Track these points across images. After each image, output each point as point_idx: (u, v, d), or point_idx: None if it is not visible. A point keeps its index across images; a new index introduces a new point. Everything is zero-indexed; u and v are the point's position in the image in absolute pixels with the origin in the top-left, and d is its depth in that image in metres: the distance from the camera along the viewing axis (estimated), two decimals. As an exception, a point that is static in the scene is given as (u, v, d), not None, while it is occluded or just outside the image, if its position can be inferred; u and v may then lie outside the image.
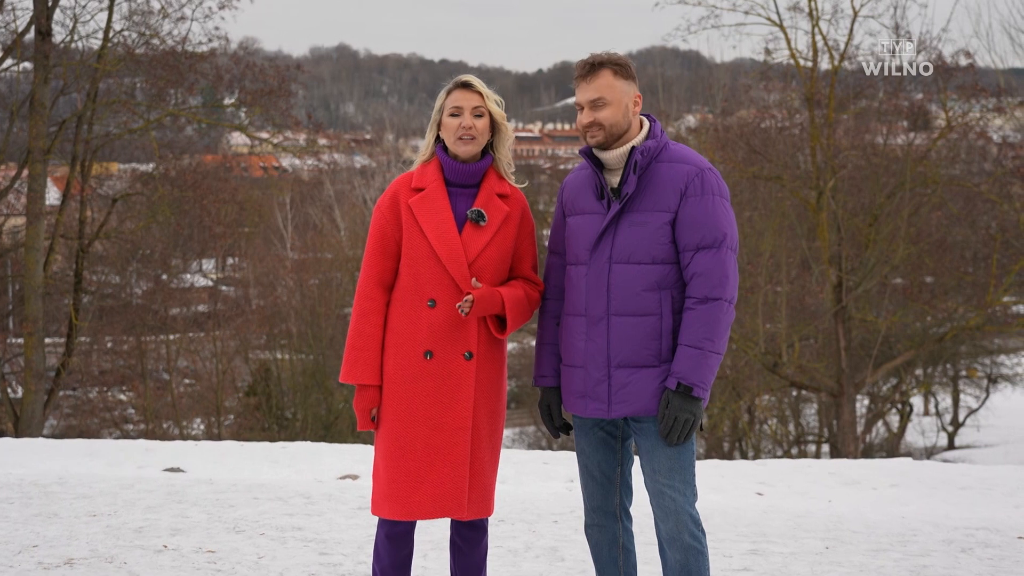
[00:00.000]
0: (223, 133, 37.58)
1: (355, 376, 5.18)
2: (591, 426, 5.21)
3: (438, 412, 5.16)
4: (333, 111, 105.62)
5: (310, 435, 31.81)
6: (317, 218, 45.33)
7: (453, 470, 5.14)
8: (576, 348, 5.11)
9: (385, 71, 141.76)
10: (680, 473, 5.00)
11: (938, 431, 41.66)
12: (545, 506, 8.84)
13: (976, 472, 10.81)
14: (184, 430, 31.58)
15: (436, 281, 5.16)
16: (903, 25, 26.21)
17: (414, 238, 5.18)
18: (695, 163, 5.05)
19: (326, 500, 8.91)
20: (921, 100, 27.52)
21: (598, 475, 5.23)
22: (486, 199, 5.26)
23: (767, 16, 26.09)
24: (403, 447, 5.16)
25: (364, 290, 5.24)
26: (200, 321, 34.52)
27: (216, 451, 11.78)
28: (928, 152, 26.01)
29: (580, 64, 5.13)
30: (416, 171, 5.33)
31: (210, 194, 25.78)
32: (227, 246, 37.42)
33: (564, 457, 11.46)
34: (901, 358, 27.44)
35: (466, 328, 5.18)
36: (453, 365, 5.17)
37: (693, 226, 4.95)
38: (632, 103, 5.11)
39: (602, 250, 5.04)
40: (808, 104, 25.71)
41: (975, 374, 40.28)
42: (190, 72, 24.84)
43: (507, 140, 5.35)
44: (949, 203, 26.35)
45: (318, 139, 29.84)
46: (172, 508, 8.51)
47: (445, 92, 5.30)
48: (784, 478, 10.49)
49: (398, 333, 5.20)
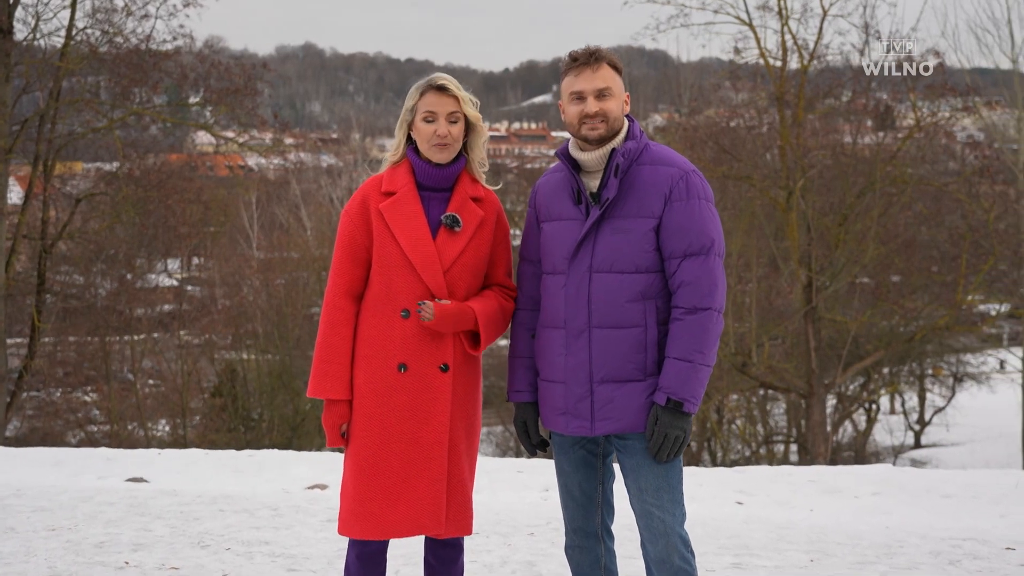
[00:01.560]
0: (188, 132, 37.27)
1: (324, 391, 4.92)
2: (571, 444, 4.96)
3: (413, 427, 4.91)
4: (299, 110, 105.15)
5: (276, 436, 31.59)
6: (283, 218, 44.98)
7: (430, 487, 4.90)
8: (555, 362, 4.85)
9: (351, 70, 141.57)
10: (668, 492, 4.76)
11: (905, 430, 41.72)
12: (521, 518, 8.59)
13: (959, 479, 10.64)
14: (149, 431, 31.24)
15: (409, 290, 4.90)
16: (872, 24, 26.16)
17: (386, 245, 4.93)
18: (679, 165, 4.80)
19: (294, 512, 8.62)
20: (887, 99, 27.47)
21: (579, 495, 4.98)
22: (460, 203, 5.01)
23: (736, 15, 26.02)
24: (377, 464, 4.90)
25: (332, 300, 4.98)
26: (165, 322, 34.17)
27: (180, 460, 11.48)
28: (897, 152, 25.93)
29: (581, 52, 4.87)
30: (386, 174, 5.06)
31: (175, 194, 25.56)
32: (192, 246, 37.09)
33: (538, 466, 11.23)
34: (871, 358, 27.39)
35: (441, 339, 4.93)
36: (428, 378, 4.92)
37: (679, 232, 4.70)
38: (624, 100, 4.89)
39: (581, 259, 4.79)
40: (777, 103, 25.63)
41: (941, 373, 40.36)
42: (154, 71, 24.60)
43: (481, 140, 5.10)
44: (919, 203, 26.29)
45: (285, 138, 29.58)
46: (134, 522, 8.19)
47: (418, 92, 5.03)
48: (764, 486, 10.30)
49: (369, 345, 4.94)
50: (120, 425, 30.49)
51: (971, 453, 38.05)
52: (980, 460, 36.35)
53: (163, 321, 34.21)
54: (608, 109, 4.80)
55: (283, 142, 29.32)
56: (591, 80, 4.82)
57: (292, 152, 32.13)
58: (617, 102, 4.84)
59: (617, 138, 4.86)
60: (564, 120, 4.94)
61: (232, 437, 31.53)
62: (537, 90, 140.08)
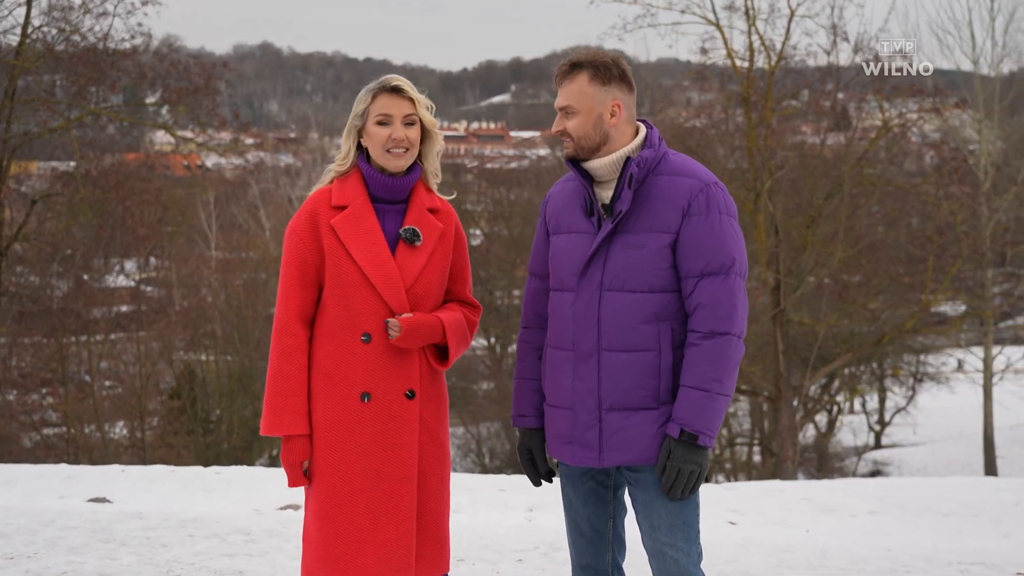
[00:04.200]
0: (145, 131, 36.80)
1: (282, 427, 4.51)
2: (579, 475, 4.59)
3: (379, 461, 4.53)
4: (256, 109, 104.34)
5: (236, 439, 31.21)
6: (242, 218, 44.53)
7: (399, 527, 4.52)
8: (562, 387, 4.48)
9: (309, 69, 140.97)
10: (683, 530, 4.40)
11: (868, 431, 41.74)
12: (507, 542, 8.18)
13: (956, 495, 10.32)
14: (106, 435, 30.76)
15: (371, 312, 4.51)
16: (840, 25, 25.97)
17: (341, 264, 4.53)
18: (699, 176, 4.43)
19: (268, 537, 8.17)
20: (843, 100, 27.31)
21: (588, 530, 4.62)
22: (418, 216, 4.64)
23: (703, 15, 25.75)
24: (341, 505, 4.52)
25: (284, 326, 4.56)
26: (123, 323, 33.68)
27: (144, 477, 10.98)
28: (865, 153, 25.78)
29: (560, 65, 4.54)
30: (334, 186, 4.66)
31: (133, 195, 25.13)
32: (150, 247, 36.64)
33: (521, 484, 10.80)
34: (839, 361, 27.25)
35: (406, 363, 4.56)
36: (394, 407, 4.54)
37: (697, 249, 4.33)
38: (609, 112, 4.47)
39: (592, 275, 4.42)
40: (744, 104, 25.39)
41: (900, 373, 40.36)
42: (112, 69, 24.12)
43: (436, 148, 4.73)
44: (886, 204, 26.16)
45: (244, 138, 29.15)
46: (98, 548, 7.69)
47: (369, 95, 4.63)
48: (756, 504, 9.96)
49: (328, 374, 4.55)
50: (77, 428, 29.98)
51: (932, 453, 38.11)
52: (941, 460, 36.43)
53: (120, 323, 33.71)
54: (571, 127, 4.49)
55: (243, 142, 28.91)
56: (559, 97, 4.53)
57: (251, 152, 31.73)
58: (583, 118, 4.47)
59: (631, 145, 4.49)
60: None
61: (190, 440, 31.17)
62: (496, 90, 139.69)
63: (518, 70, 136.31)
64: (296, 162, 55.36)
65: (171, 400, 32.47)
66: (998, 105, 32.87)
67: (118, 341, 33.81)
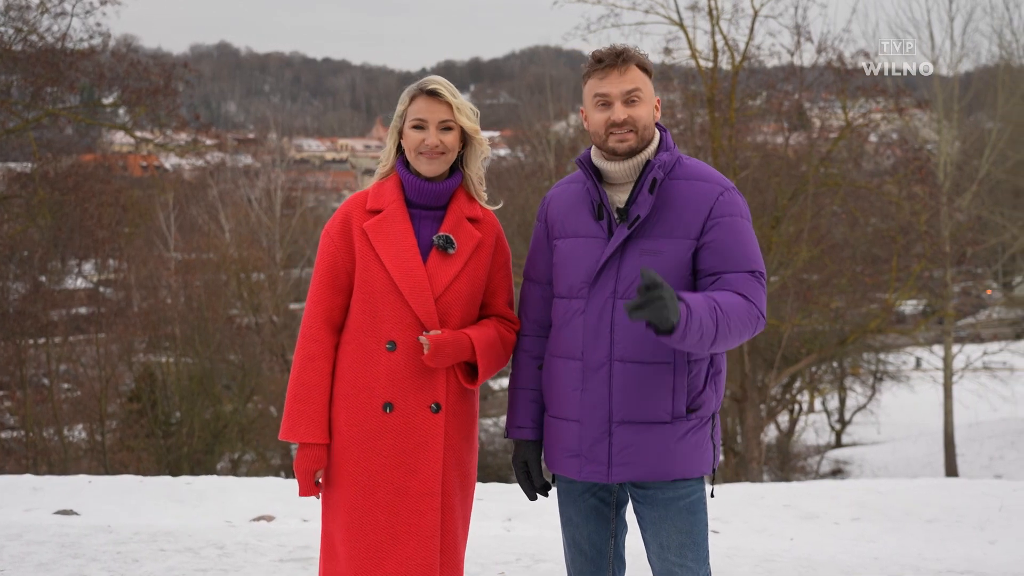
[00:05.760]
0: (102, 132, 36.48)
1: (299, 433, 4.35)
2: (581, 492, 4.40)
3: (402, 475, 4.34)
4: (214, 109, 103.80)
5: (197, 443, 30.94)
6: (201, 219, 44.17)
7: (421, 543, 4.33)
8: (568, 398, 4.27)
9: (267, 69, 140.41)
10: (693, 549, 4.23)
11: (831, 431, 41.87)
12: (487, 552, 7.96)
13: (938, 500, 10.20)
14: (65, 438, 30.41)
15: (397, 319, 4.34)
16: (803, 26, 25.98)
17: (370, 269, 4.37)
18: (718, 181, 4.25)
19: (242, 550, 7.92)
20: (800, 99, 27.33)
21: (588, 549, 4.42)
22: (454, 223, 4.46)
23: (667, 15, 25.72)
24: (361, 517, 4.34)
25: (310, 331, 4.40)
26: (81, 325, 33.36)
27: (112, 489, 10.69)
28: (829, 153, 25.81)
29: (606, 52, 4.28)
30: (372, 189, 4.51)
31: (92, 197, 24.82)
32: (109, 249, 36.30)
33: (498, 492, 10.57)
34: (804, 361, 27.28)
35: (432, 375, 4.37)
36: (417, 419, 4.35)
37: (720, 255, 4.14)
38: (655, 109, 4.33)
39: (604, 283, 4.20)
40: (708, 105, 25.36)
41: (858, 372, 40.49)
42: (70, 70, 23.81)
43: (479, 155, 4.53)
44: (851, 205, 26.18)
45: (205, 139, 28.87)
46: (67, 565, 7.41)
47: (408, 97, 4.47)
48: (737, 511, 9.83)
49: (351, 382, 4.38)
50: (36, 432, 29.62)
51: (893, 452, 38.24)
52: (902, 459, 36.57)
53: (79, 325, 33.38)
54: (638, 116, 4.23)
55: (202, 142, 28.62)
56: (618, 82, 4.24)
57: (212, 152, 31.45)
58: (648, 108, 4.26)
59: (649, 149, 4.30)
60: (587, 129, 4.35)
61: (151, 443, 30.87)
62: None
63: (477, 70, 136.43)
64: (255, 163, 54.98)
65: (131, 403, 32.10)
66: (957, 105, 33.05)
67: (77, 343, 33.47)
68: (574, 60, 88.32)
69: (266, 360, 35.62)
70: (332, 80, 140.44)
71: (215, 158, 32.84)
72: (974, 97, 36.31)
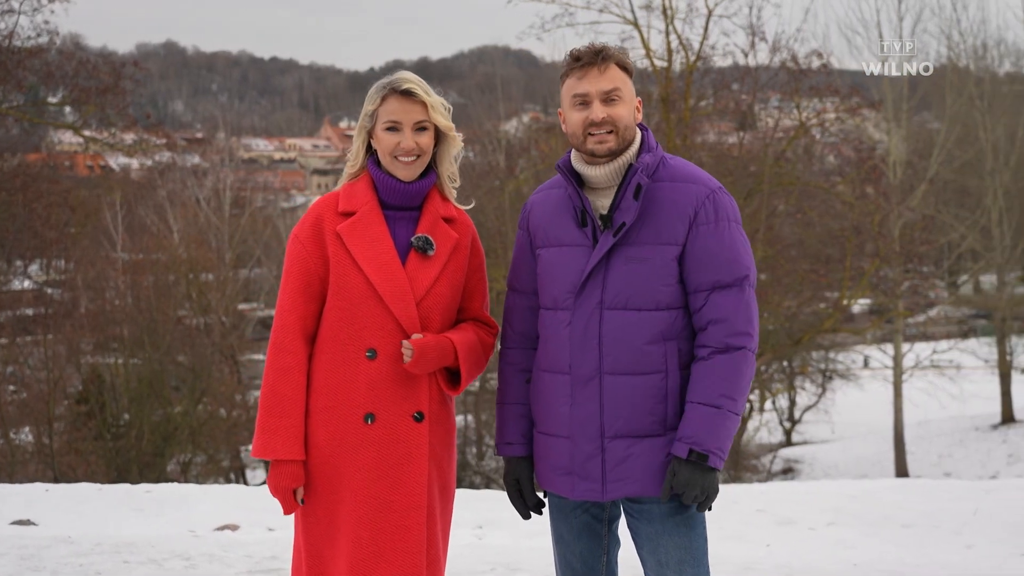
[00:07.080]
0: (47, 131, 36.08)
1: (276, 450, 4.14)
2: (572, 509, 4.25)
3: (385, 489, 4.15)
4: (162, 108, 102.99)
5: (147, 446, 30.59)
6: (149, 219, 43.77)
7: (405, 560, 4.14)
8: (558, 414, 4.13)
9: (214, 68, 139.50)
10: (692, 566, 4.09)
11: (782, 430, 41.97)
12: (460, 562, 7.75)
13: (913, 504, 10.10)
14: (11, 441, 29.99)
15: (376, 326, 4.16)
16: (758, 25, 26.02)
17: (347, 274, 4.18)
18: (704, 182, 4.11)
19: (207, 561, 7.67)
20: (747, 100, 27.38)
21: (579, 567, 4.28)
22: (431, 224, 4.30)
23: (621, 15, 25.68)
24: (341, 536, 4.16)
25: (282, 342, 4.19)
26: (27, 326, 32.93)
27: (71, 497, 10.37)
28: (783, 153, 25.88)
29: (584, 51, 4.15)
30: (342, 190, 4.32)
31: (41, 197, 24.52)
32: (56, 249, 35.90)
33: (467, 498, 10.32)
34: (759, 360, 27.26)
35: (415, 383, 4.19)
36: (401, 430, 4.17)
37: (708, 261, 4.02)
38: (636, 110, 4.20)
39: (590, 293, 4.06)
40: (662, 104, 25.31)
41: (807, 370, 40.60)
42: (18, 68, 23.50)
43: (453, 153, 4.40)
44: (805, 205, 26.26)
45: (156, 139, 28.56)
46: None
47: (379, 96, 4.29)
48: (713, 517, 9.69)
49: (328, 394, 4.18)
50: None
51: (843, 451, 38.34)
52: (852, 458, 36.67)
53: (25, 326, 32.96)
54: (618, 115, 4.10)
55: (151, 142, 28.31)
56: (596, 81, 4.11)
57: (161, 152, 31.14)
58: (628, 107, 4.14)
59: (630, 151, 4.16)
60: (565, 131, 4.22)
61: (99, 446, 30.50)
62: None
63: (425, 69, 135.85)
64: (203, 163, 54.60)
65: (79, 405, 31.67)
66: (906, 105, 33.23)
67: (23, 345, 33.01)
68: (523, 60, 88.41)
69: (216, 361, 35.29)
70: (280, 79, 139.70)
71: (164, 158, 32.52)
72: (921, 98, 36.53)
